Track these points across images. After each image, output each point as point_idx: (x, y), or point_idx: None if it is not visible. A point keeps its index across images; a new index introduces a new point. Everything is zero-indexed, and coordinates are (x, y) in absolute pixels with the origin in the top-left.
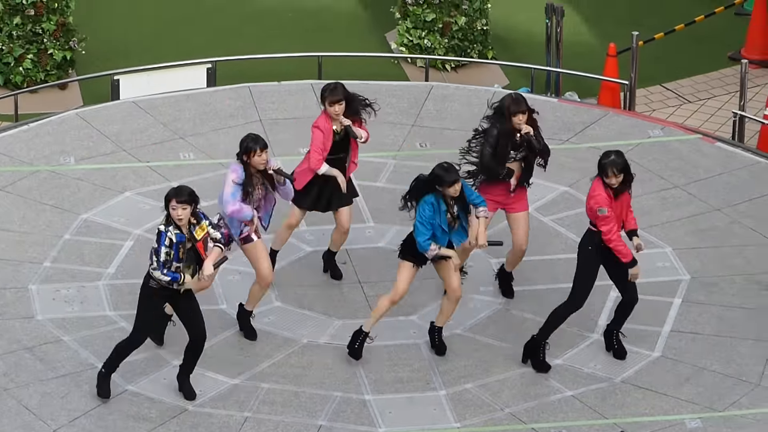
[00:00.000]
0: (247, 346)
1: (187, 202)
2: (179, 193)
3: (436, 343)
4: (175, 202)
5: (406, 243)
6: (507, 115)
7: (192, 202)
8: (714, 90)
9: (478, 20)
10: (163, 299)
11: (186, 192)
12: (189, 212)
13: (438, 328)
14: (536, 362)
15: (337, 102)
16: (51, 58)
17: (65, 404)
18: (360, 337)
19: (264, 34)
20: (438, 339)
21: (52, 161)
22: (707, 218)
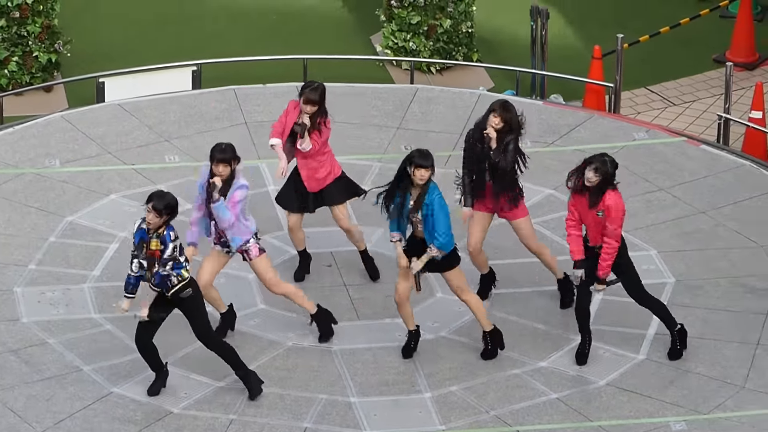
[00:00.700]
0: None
1: (159, 212)
2: (159, 198)
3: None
4: (151, 206)
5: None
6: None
7: (165, 213)
8: (699, 92)
9: (463, 23)
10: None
11: (164, 202)
12: (159, 222)
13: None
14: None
15: (311, 103)
16: (36, 61)
17: (50, 407)
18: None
19: (249, 36)
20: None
21: (37, 164)
22: (692, 221)
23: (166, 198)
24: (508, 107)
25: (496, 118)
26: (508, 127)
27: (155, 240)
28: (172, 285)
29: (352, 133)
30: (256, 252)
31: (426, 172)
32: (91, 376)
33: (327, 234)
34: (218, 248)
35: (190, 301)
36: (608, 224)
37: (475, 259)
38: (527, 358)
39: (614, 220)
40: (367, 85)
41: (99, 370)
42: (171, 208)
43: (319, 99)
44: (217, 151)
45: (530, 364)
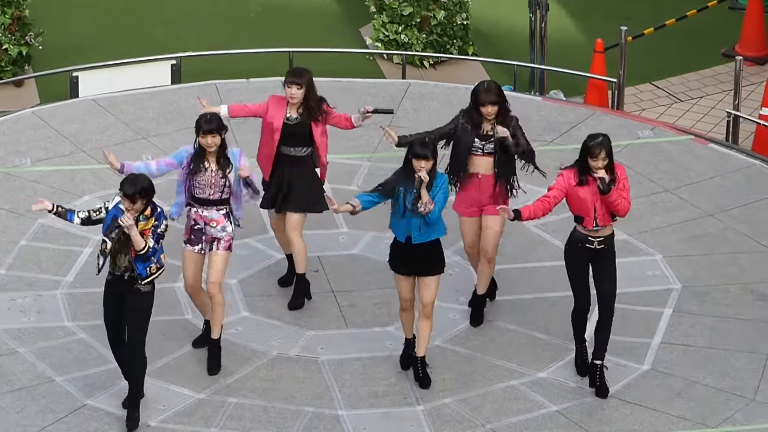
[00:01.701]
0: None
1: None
2: (130, 184)
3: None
4: (123, 196)
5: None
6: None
7: (140, 197)
8: (707, 88)
9: (458, 14)
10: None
11: (136, 187)
12: (139, 207)
13: (419, 358)
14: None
15: (296, 84)
16: (6, 54)
17: (20, 419)
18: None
19: (232, 28)
20: (422, 371)
21: (7, 162)
22: (699, 224)
23: (138, 182)
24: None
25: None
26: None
27: (143, 222)
28: (149, 273)
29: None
30: (227, 245)
31: (427, 163)
32: (63, 387)
33: (313, 237)
34: (189, 248)
35: (145, 297)
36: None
37: (474, 258)
38: (525, 369)
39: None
40: (357, 80)
41: (72, 381)
42: (145, 191)
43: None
44: (204, 122)
45: (529, 375)
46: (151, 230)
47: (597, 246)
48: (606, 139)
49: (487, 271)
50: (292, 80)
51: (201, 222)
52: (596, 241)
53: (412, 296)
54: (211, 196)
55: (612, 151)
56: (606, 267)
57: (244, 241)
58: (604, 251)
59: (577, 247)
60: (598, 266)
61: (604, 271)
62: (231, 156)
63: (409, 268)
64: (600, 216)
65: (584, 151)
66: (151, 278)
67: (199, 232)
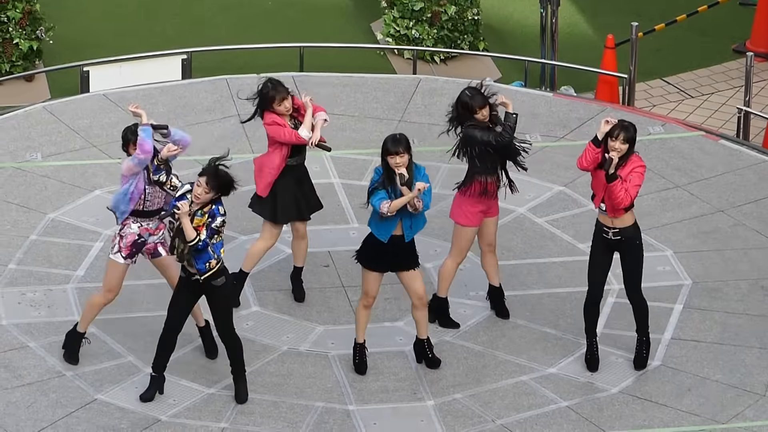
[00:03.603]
0: (223, 354)
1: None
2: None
3: (429, 356)
4: (203, 181)
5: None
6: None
7: (215, 191)
8: (718, 84)
9: (469, 9)
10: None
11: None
12: (206, 199)
13: (422, 340)
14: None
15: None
16: (17, 48)
17: (31, 414)
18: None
19: (242, 23)
20: (430, 352)
21: (18, 157)
22: (710, 220)
23: (219, 175)
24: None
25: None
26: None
27: (199, 218)
28: (208, 267)
29: (351, 125)
30: (166, 248)
31: (401, 159)
32: (74, 381)
33: (324, 232)
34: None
35: (220, 290)
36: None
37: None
38: (536, 364)
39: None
40: (367, 75)
41: (82, 375)
42: (221, 186)
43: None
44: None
45: (539, 371)
46: (205, 225)
47: (612, 237)
48: (630, 127)
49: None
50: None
51: (146, 234)
52: (611, 232)
53: (377, 292)
54: (157, 206)
55: (634, 141)
56: (626, 260)
57: (255, 236)
58: (621, 243)
59: (599, 238)
60: (621, 257)
61: (625, 264)
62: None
63: (386, 265)
64: (608, 204)
65: (608, 130)
66: (209, 274)
67: (141, 245)
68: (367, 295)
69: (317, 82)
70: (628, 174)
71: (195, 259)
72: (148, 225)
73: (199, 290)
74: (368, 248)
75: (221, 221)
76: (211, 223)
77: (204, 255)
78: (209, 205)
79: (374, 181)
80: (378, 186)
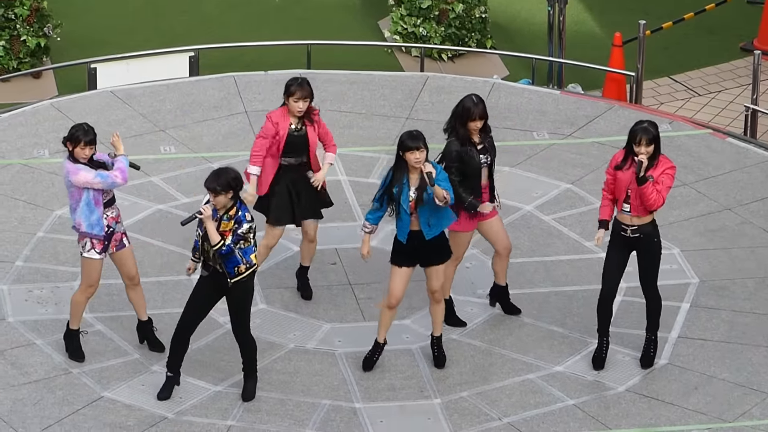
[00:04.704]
0: (230, 351)
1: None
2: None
3: (436, 354)
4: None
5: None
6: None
7: (225, 191)
8: (725, 82)
9: (477, 7)
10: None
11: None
12: (225, 201)
13: (437, 337)
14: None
15: (309, 98)
16: (24, 45)
17: (38, 411)
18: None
19: (250, 20)
20: (438, 349)
21: (25, 154)
22: (717, 218)
23: (222, 176)
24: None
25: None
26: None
27: (226, 222)
28: (238, 272)
29: (359, 123)
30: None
31: (421, 154)
32: (80, 379)
33: (331, 230)
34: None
35: (243, 292)
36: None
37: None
38: (542, 363)
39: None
40: (375, 73)
41: (89, 372)
42: (228, 184)
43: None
44: (82, 134)
45: (545, 369)
46: (231, 231)
47: (631, 235)
48: (651, 126)
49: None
50: (305, 94)
51: (113, 223)
52: (629, 230)
53: (401, 294)
54: (112, 194)
55: (658, 139)
56: (644, 258)
57: (262, 234)
58: (639, 241)
59: (614, 233)
60: (639, 255)
61: (642, 261)
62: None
63: (413, 260)
64: (633, 204)
65: (630, 135)
66: (239, 278)
67: (111, 234)
68: (392, 296)
69: (325, 80)
70: (659, 176)
71: (225, 264)
72: (112, 214)
73: (223, 291)
74: (395, 245)
75: (248, 227)
76: (237, 229)
77: (232, 259)
78: (234, 209)
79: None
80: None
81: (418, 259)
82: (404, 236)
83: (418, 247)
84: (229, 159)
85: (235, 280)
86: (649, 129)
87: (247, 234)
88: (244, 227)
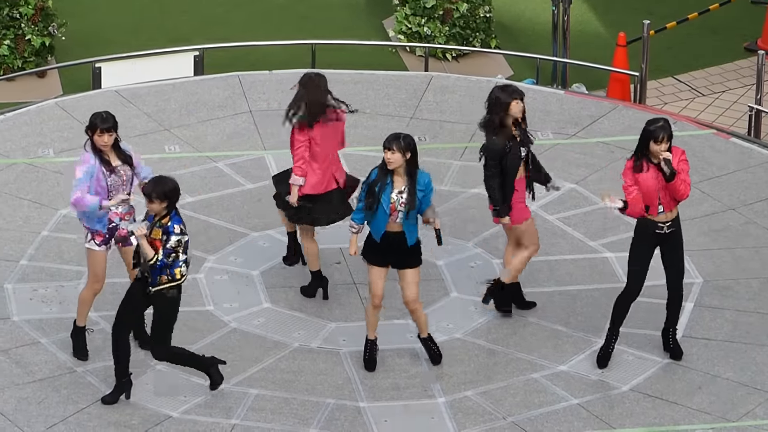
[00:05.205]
0: (234, 350)
1: (150, 198)
2: (154, 184)
3: (433, 350)
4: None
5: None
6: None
7: (160, 200)
8: (729, 83)
9: (481, 7)
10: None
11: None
12: (158, 209)
13: (424, 339)
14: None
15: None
16: (29, 44)
17: (42, 410)
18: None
19: (254, 20)
20: (431, 347)
21: (30, 153)
22: (721, 218)
23: (159, 185)
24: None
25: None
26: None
27: (158, 229)
28: (159, 282)
29: (363, 122)
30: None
31: (392, 155)
32: (85, 377)
33: (335, 229)
34: (103, 248)
35: (168, 302)
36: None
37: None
38: (546, 362)
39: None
40: (379, 73)
41: (94, 371)
42: (165, 194)
43: None
44: (100, 121)
45: (550, 368)
46: (161, 243)
47: (667, 230)
48: (667, 123)
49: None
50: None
51: (116, 218)
52: (665, 226)
53: (382, 293)
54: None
55: (672, 135)
56: (677, 249)
57: (266, 233)
58: (673, 234)
59: (647, 235)
60: (668, 248)
61: (675, 252)
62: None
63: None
64: (665, 202)
65: (646, 136)
66: (159, 288)
67: (113, 230)
68: (373, 296)
69: (329, 79)
70: (678, 165)
71: (151, 271)
72: (118, 210)
73: (148, 299)
74: (368, 243)
75: (176, 241)
76: (167, 241)
77: (160, 271)
78: (166, 218)
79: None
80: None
81: (391, 260)
82: (378, 235)
83: (392, 247)
84: (233, 158)
85: (155, 289)
86: (667, 126)
87: (177, 248)
88: (173, 240)
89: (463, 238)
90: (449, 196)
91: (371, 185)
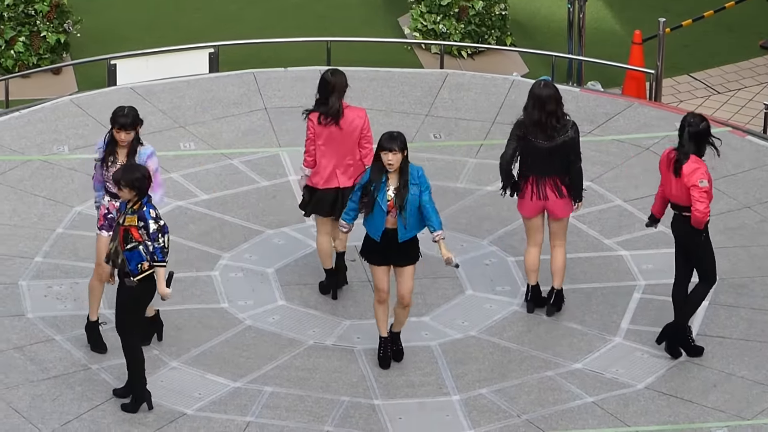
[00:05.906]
0: (249, 348)
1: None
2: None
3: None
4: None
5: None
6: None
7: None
8: (744, 80)
9: (497, 4)
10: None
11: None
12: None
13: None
14: (688, 348)
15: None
16: (44, 41)
17: (57, 407)
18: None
19: (270, 17)
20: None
21: (45, 150)
22: (736, 216)
23: (128, 173)
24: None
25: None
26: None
27: (132, 216)
28: (141, 270)
29: (378, 120)
30: None
31: (393, 156)
32: (99, 374)
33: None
34: (105, 233)
35: (139, 290)
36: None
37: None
38: (561, 360)
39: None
40: (395, 70)
41: (108, 368)
42: (132, 182)
43: None
44: (120, 116)
45: (564, 366)
46: (140, 232)
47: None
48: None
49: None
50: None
51: (114, 211)
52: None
53: (388, 287)
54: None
55: None
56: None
57: (281, 230)
58: None
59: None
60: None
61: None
62: (139, 154)
63: (384, 259)
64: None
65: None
66: (141, 276)
67: (112, 219)
68: (379, 290)
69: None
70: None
71: (128, 262)
72: (115, 202)
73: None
74: (367, 243)
75: (156, 227)
76: (147, 228)
77: (135, 256)
78: (138, 204)
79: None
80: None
81: (391, 258)
82: (377, 234)
83: (391, 245)
84: (248, 155)
85: (138, 278)
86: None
87: (158, 230)
88: (152, 226)
89: (478, 235)
90: (464, 194)
91: (366, 185)
